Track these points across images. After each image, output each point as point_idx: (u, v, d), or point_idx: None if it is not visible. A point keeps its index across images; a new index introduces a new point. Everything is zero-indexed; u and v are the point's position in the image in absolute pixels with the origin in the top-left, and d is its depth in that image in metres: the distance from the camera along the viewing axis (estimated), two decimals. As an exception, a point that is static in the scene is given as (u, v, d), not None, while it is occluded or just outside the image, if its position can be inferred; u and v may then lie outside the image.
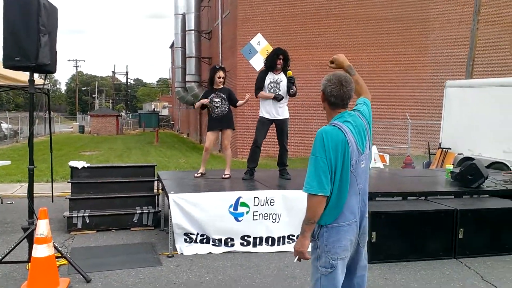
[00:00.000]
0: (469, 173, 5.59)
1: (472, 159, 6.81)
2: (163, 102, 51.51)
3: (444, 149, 9.69)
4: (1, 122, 24.14)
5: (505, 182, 5.94)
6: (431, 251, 4.81)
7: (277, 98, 5.55)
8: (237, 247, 4.94)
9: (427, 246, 4.81)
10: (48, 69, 3.84)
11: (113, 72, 48.69)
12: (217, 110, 5.85)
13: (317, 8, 16.55)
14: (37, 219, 3.76)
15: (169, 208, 4.76)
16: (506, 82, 8.52)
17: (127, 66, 62.20)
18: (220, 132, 6.09)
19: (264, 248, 4.96)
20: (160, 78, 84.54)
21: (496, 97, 8.37)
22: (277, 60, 5.56)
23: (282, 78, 5.64)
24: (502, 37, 18.15)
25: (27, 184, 9.37)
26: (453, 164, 7.95)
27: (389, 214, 4.76)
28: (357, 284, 2.58)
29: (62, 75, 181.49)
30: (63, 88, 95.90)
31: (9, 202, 7.49)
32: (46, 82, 7.24)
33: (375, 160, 9.03)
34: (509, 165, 7.46)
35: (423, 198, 5.52)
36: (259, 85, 5.65)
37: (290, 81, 5.54)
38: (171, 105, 44.70)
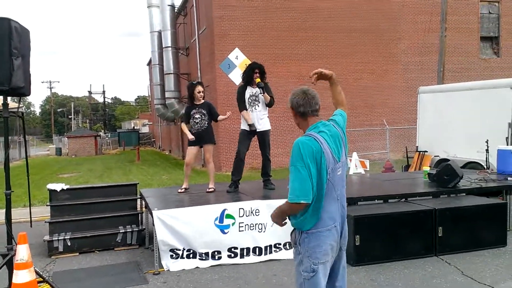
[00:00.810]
0: (445, 174, 5.76)
1: (448, 160, 7.02)
2: (142, 120, 51.08)
3: (421, 152, 9.96)
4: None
5: (480, 180, 6.15)
6: (413, 250, 4.93)
7: (252, 128, 5.69)
8: (225, 259, 4.93)
9: (409, 246, 4.93)
10: (22, 92, 3.81)
11: (89, 92, 48.15)
12: (197, 126, 5.88)
13: (291, 22, 16.86)
14: (16, 244, 3.68)
15: (153, 225, 4.73)
16: (475, 86, 8.88)
17: (103, 85, 61.64)
18: (201, 147, 6.11)
19: (251, 259, 4.97)
20: (138, 96, 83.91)
21: (466, 100, 8.70)
22: (253, 74, 5.67)
23: (264, 91, 5.74)
24: (470, 43, 18.89)
25: (3, 210, 9.20)
26: (430, 166, 8.16)
27: (371, 217, 4.87)
28: (339, 286, 2.65)
29: (36, 97, 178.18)
30: (37, 110, 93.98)
31: (-14, 229, 7.25)
32: (20, 105, 7.16)
33: (356, 166, 9.19)
34: (483, 164, 7.72)
35: (403, 200, 5.67)
36: (242, 100, 5.73)
37: (259, 87, 5.63)
38: (151, 123, 44.40)
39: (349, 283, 4.22)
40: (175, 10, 21.27)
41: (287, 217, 2.61)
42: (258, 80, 5.62)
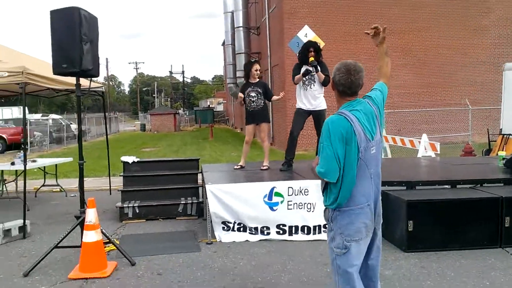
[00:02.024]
0: (520, 159, 5.24)
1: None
2: (218, 99, 52.85)
3: (505, 135, 9.07)
4: (71, 123, 26.22)
5: None
6: (474, 240, 4.62)
7: (304, 74, 5.61)
8: (273, 235, 5.08)
9: (469, 235, 4.62)
10: (91, 73, 4.23)
11: (170, 72, 50.88)
12: (253, 104, 6.00)
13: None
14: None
15: (206, 198, 5.02)
16: None
17: (183, 65, 65.38)
18: (257, 125, 6.24)
19: (300, 237, 5.06)
20: (215, 76, 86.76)
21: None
22: (308, 53, 5.61)
23: (318, 69, 5.67)
24: None
25: (89, 179, 10.32)
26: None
27: (426, 203, 4.63)
28: (371, 265, 2.65)
29: (125, 77, 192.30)
30: (126, 89, 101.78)
31: (72, 195, 8.23)
32: (99, 85, 7.90)
33: (425, 149, 8.66)
34: None
35: (469, 186, 5.29)
36: (295, 73, 5.74)
37: (312, 65, 5.55)
38: (225, 101, 45.75)
39: (397, 269, 4.16)
40: (248, -10, 21.40)
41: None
42: (312, 58, 5.55)
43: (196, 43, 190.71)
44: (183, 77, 52.93)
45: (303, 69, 5.71)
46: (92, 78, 4.73)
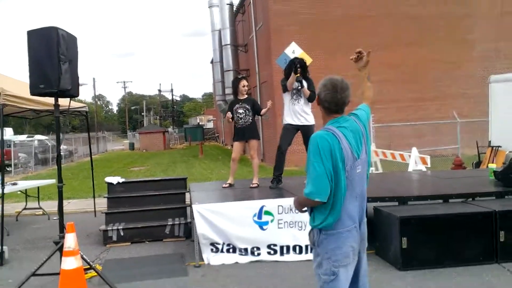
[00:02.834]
0: (511, 171, 5.18)
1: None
2: (208, 116, 52.76)
3: (494, 148, 9.08)
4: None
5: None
6: (469, 256, 4.49)
7: (297, 79, 5.48)
8: (264, 256, 4.90)
9: (465, 251, 4.50)
10: (70, 93, 4.08)
11: (159, 91, 50.88)
12: (241, 121, 5.89)
13: (351, 12, 16.26)
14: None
15: (192, 218, 4.83)
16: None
17: (171, 84, 65.35)
18: (246, 142, 6.12)
19: (291, 257, 4.88)
20: (204, 93, 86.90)
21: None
22: (294, 69, 5.55)
23: (302, 85, 5.61)
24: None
25: (74, 201, 10.03)
26: (504, 163, 7.42)
27: (420, 219, 4.52)
28: None
29: (114, 96, 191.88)
30: (115, 108, 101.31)
31: (55, 218, 7.89)
32: (82, 105, 7.73)
33: (415, 162, 8.61)
34: None
35: (461, 200, 5.20)
36: (284, 83, 5.68)
37: (297, 80, 5.48)
38: (215, 118, 45.62)
39: (392, 289, 3.99)
40: (234, 9, 21.58)
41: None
42: (297, 74, 5.49)
43: (185, 61, 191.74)
44: (172, 95, 52.99)
45: (293, 85, 5.64)
46: (74, 98, 4.57)
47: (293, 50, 9.73)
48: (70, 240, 3.86)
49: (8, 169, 18.91)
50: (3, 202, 5.40)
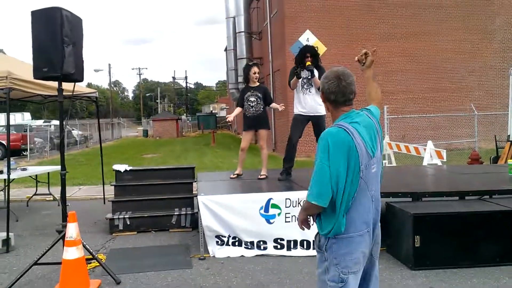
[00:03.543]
0: (533, 169, 4.91)
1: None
2: (221, 104, 52.65)
3: (512, 142, 8.73)
4: (73, 129, 26.06)
5: None
6: (486, 256, 4.28)
7: (298, 76, 5.39)
8: (270, 250, 4.77)
9: (481, 252, 4.28)
10: (74, 78, 3.97)
11: (173, 78, 50.96)
12: (252, 110, 5.73)
13: (368, 0, 15.80)
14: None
15: (198, 210, 4.73)
16: None
17: (186, 71, 65.02)
18: (256, 132, 5.96)
19: (298, 252, 4.74)
20: (218, 81, 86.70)
21: None
22: (305, 58, 5.35)
23: (313, 74, 5.41)
24: None
25: (85, 187, 10.05)
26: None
27: (435, 216, 4.31)
28: None
29: (129, 83, 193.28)
30: (130, 95, 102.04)
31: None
32: (93, 90, 7.64)
33: (431, 156, 8.33)
34: None
35: (477, 197, 4.97)
36: (291, 78, 5.50)
37: (307, 69, 5.30)
38: (228, 107, 45.47)
39: (402, 289, 3.82)
40: (249, -5, 21.23)
41: (310, 218, 2.31)
42: (308, 63, 5.29)
43: (200, 49, 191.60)
44: (186, 82, 52.91)
45: (303, 74, 5.44)
46: (80, 82, 4.46)
47: (307, 38, 9.47)
48: (72, 230, 3.79)
49: (24, 153, 19.21)
50: (9, 189, 5.37)
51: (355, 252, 2.13)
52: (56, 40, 3.73)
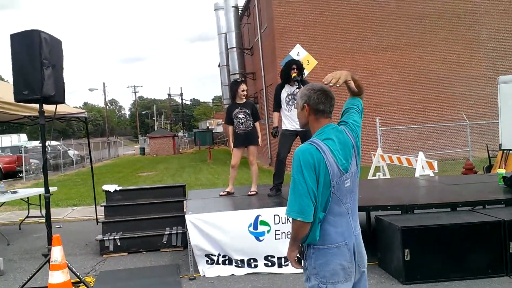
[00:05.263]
0: (521, 178, 4.93)
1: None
2: (217, 120, 52.78)
3: (505, 151, 8.75)
4: (69, 149, 26.02)
5: None
6: (477, 268, 4.25)
7: (273, 134, 5.62)
8: (261, 268, 4.73)
9: (472, 263, 4.26)
10: (55, 99, 3.98)
11: (169, 95, 51.12)
12: (242, 127, 5.75)
13: (356, 12, 16.04)
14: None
15: (186, 229, 4.70)
16: None
17: (181, 88, 65.49)
18: (245, 148, 5.97)
19: (290, 269, 4.69)
20: (215, 96, 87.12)
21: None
22: (290, 71, 5.40)
23: (300, 86, 5.46)
24: None
25: (79, 208, 9.99)
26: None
27: (423, 229, 4.29)
28: None
29: (126, 101, 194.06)
30: (127, 113, 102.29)
31: (57, 226, 7.89)
32: (81, 111, 7.66)
33: (423, 167, 8.33)
34: None
35: (468, 208, 4.96)
36: (276, 100, 5.59)
37: (294, 80, 5.38)
38: (223, 122, 45.51)
39: (392, 304, 3.78)
40: (239, 11, 21.51)
41: (299, 253, 2.27)
42: (294, 74, 5.34)
43: (195, 65, 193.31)
44: (182, 99, 53.13)
45: (286, 90, 5.51)
46: (61, 104, 4.46)
47: (298, 52, 9.57)
48: (56, 254, 3.76)
49: (20, 175, 19.12)
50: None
51: (331, 263, 2.16)
52: (35, 63, 3.75)
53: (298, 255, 2.29)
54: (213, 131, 41.92)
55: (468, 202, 5.00)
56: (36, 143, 27.60)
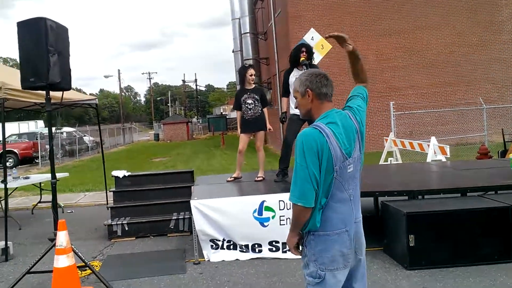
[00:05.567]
0: (533, 163, 4.77)
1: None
2: (231, 106, 52.74)
3: (521, 135, 8.52)
4: (84, 135, 26.45)
5: None
6: (483, 254, 4.18)
7: (281, 120, 5.55)
8: (266, 253, 4.75)
9: (478, 249, 4.18)
10: (61, 86, 4.00)
11: (183, 81, 51.22)
12: (250, 112, 5.70)
13: (371, -5, 15.64)
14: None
15: (191, 214, 4.73)
16: None
17: (195, 74, 65.15)
18: (252, 133, 5.94)
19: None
20: (229, 82, 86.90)
21: None
22: (300, 54, 5.30)
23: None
24: None
25: (91, 193, 10.17)
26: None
27: (428, 215, 4.22)
28: None
29: (141, 88, 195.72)
30: (142, 100, 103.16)
31: (69, 211, 8.07)
32: (92, 97, 7.72)
33: (435, 152, 8.16)
34: None
35: (477, 194, 4.85)
36: (285, 85, 5.50)
37: (302, 64, 5.26)
38: (237, 108, 45.35)
39: (394, 290, 3.75)
40: (253, -5, 21.23)
41: (299, 240, 2.24)
42: (302, 58, 5.24)
43: (210, 51, 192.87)
44: (196, 85, 53.21)
45: (294, 75, 5.41)
46: (68, 90, 4.48)
47: (312, 37, 9.37)
48: (62, 238, 3.82)
49: (36, 161, 19.57)
50: (7, 199, 5.46)
51: (331, 249, 2.14)
52: (41, 50, 3.77)
53: (297, 241, 2.26)
54: (227, 117, 41.93)
55: (478, 187, 4.89)
56: (52, 130, 28.16)
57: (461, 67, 15.86)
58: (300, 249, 2.28)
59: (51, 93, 5.20)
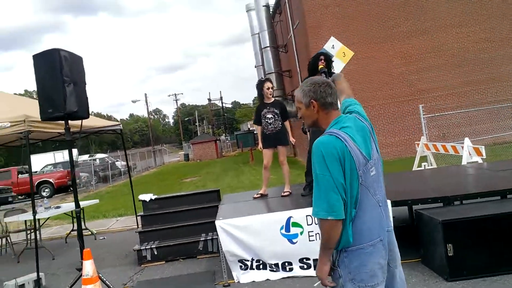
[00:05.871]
0: None
1: None
2: (257, 121, 52.88)
3: None
4: (117, 160, 27.12)
5: None
6: (531, 262, 3.84)
7: (303, 131, 5.46)
8: (297, 271, 4.57)
9: (526, 257, 3.85)
10: (79, 115, 4.06)
11: (209, 100, 51.98)
12: (271, 127, 5.62)
13: (392, -2, 15.38)
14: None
15: (217, 235, 4.64)
16: None
17: (220, 92, 66.09)
18: (275, 149, 5.83)
19: (326, 270, 4.49)
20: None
21: None
22: (318, 62, 5.19)
23: (327, 77, 5.24)
24: None
25: (123, 218, 10.30)
26: None
27: (466, 221, 3.94)
28: None
29: (169, 109, 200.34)
30: (171, 121, 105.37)
31: (101, 238, 8.17)
32: (116, 123, 7.87)
33: (470, 154, 7.75)
34: None
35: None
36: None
37: (320, 72, 5.13)
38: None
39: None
40: (271, 10, 21.39)
41: (330, 263, 2.01)
42: (321, 66, 5.12)
43: (235, 69, 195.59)
44: (222, 103, 53.88)
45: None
46: (86, 118, 4.55)
47: (333, 45, 9.24)
48: (88, 268, 3.82)
49: (71, 189, 20.22)
50: (35, 230, 5.56)
51: (368, 263, 1.96)
52: (57, 81, 3.85)
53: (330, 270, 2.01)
54: (254, 132, 42.06)
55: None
56: (86, 157, 29.08)
57: (491, 64, 15.22)
58: (332, 275, 2.04)
59: (73, 122, 5.33)
